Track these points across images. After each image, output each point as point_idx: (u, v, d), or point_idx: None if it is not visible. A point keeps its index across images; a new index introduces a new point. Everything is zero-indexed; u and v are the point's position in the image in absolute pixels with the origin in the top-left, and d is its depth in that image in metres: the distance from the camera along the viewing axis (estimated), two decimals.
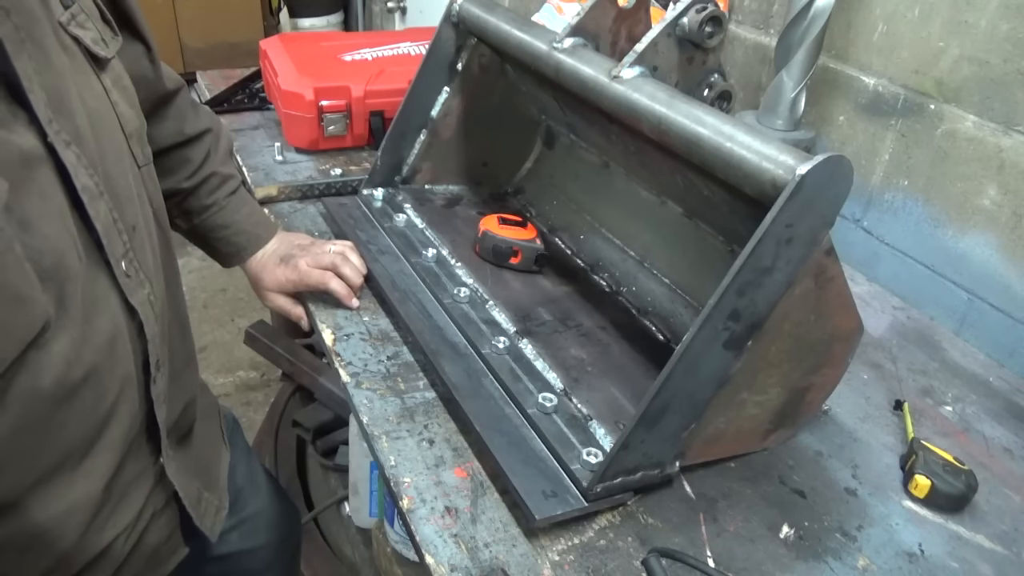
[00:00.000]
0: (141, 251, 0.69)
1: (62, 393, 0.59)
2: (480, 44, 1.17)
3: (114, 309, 0.65)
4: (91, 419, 0.64)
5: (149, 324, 0.69)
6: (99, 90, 0.66)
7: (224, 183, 1.01)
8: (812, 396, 0.86)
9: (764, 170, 0.68)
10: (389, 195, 1.25)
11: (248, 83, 1.72)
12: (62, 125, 0.58)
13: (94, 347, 0.62)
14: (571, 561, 0.71)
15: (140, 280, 0.68)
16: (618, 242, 1.15)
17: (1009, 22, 1.03)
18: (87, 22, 0.66)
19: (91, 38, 0.66)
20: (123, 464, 0.69)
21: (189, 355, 0.85)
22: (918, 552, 0.77)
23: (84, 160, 0.60)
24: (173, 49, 3.37)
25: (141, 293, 0.68)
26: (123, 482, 0.71)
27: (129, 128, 0.71)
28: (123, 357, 0.66)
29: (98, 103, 0.65)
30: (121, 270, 0.65)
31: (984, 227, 1.11)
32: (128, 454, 0.70)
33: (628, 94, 0.84)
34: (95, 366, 0.62)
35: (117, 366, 0.65)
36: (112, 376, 0.65)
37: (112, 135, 0.67)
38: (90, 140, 0.62)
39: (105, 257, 0.63)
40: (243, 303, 2.98)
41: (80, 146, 0.60)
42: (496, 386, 0.88)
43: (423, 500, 0.75)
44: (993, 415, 0.98)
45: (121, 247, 0.65)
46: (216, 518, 0.89)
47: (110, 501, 0.69)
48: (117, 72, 0.71)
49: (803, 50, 1.17)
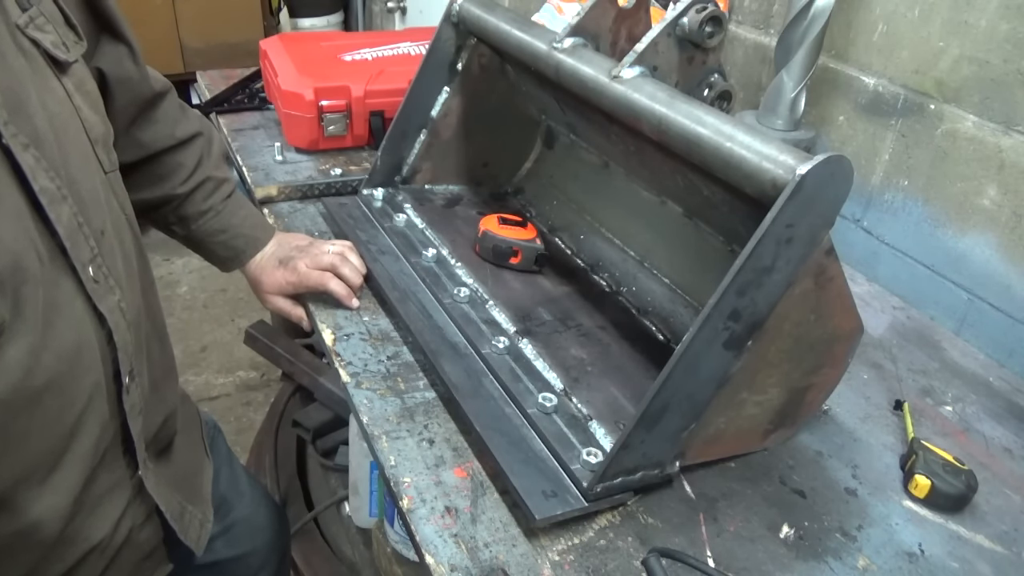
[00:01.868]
0: (110, 257, 0.67)
1: (21, 402, 0.57)
2: (480, 44, 1.17)
3: (79, 315, 0.62)
4: (56, 429, 0.62)
5: (119, 332, 0.67)
6: (61, 94, 0.65)
7: (219, 187, 1.00)
8: (812, 396, 0.86)
9: (764, 170, 0.68)
10: (389, 195, 1.25)
11: (248, 83, 1.72)
12: (19, 127, 0.56)
13: (56, 354, 0.59)
14: (571, 561, 0.71)
15: (109, 286, 0.66)
16: (618, 242, 1.15)
17: (1009, 22, 1.03)
18: (47, 25, 0.65)
19: (51, 41, 0.65)
20: (95, 476, 0.68)
21: (168, 366, 0.84)
22: (918, 552, 0.77)
23: (44, 163, 0.58)
24: (173, 49, 3.37)
25: (110, 300, 0.66)
26: (95, 495, 0.69)
27: (94, 133, 0.69)
28: (90, 366, 0.64)
29: (60, 107, 0.64)
30: (88, 275, 0.63)
31: (984, 227, 1.11)
32: (100, 466, 0.68)
33: (628, 94, 0.84)
34: (58, 374, 0.60)
35: (84, 375, 0.63)
36: (78, 385, 0.62)
37: (76, 139, 0.66)
38: (51, 143, 0.60)
39: (69, 262, 0.61)
40: (243, 303, 2.98)
41: (40, 148, 0.58)
42: (496, 386, 0.88)
43: (423, 500, 0.75)
44: (993, 415, 0.98)
45: (88, 252, 0.63)
46: (201, 531, 0.87)
47: (80, 513, 0.67)
48: (80, 77, 0.70)
49: (803, 50, 1.17)
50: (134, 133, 0.90)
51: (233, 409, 2.52)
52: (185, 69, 3.36)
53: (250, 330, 2.16)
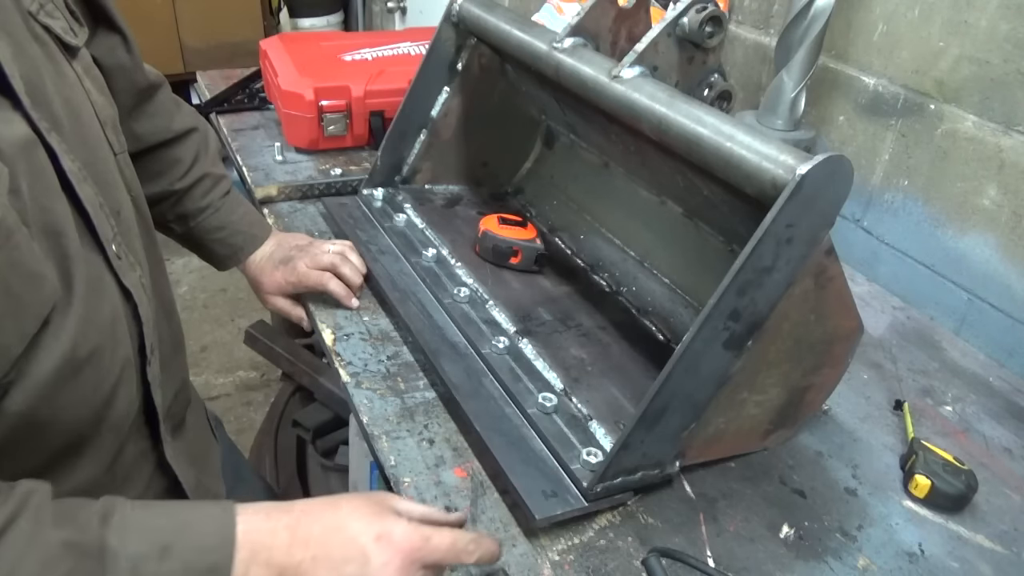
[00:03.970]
0: (128, 235, 0.70)
1: (68, 371, 0.60)
2: (480, 44, 1.17)
3: (111, 290, 0.65)
4: (93, 400, 0.64)
5: (143, 307, 0.70)
6: (72, 78, 0.67)
7: (217, 184, 1.00)
8: (812, 396, 0.86)
9: (764, 170, 0.68)
10: (389, 195, 1.25)
11: (248, 83, 1.72)
12: (41, 112, 0.59)
13: (97, 327, 0.62)
14: (571, 561, 0.71)
15: (131, 263, 0.69)
16: (618, 242, 1.15)
17: (1009, 22, 1.03)
18: (55, 11, 0.67)
19: (61, 27, 0.67)
20: (123, 448, 0.70)
21: (177, 341, 0.85)
22: (918, 552, 0.77)
23: (64, 146, 0.61)
24: (173, 49, 3.37)
25: (133, 276, 0.69)
26: (124, 465, 0.71)
27: (103, 115, 0.71)
28: (122, 339, 0.67)
29: (72, 91, 0.66)
30: (112, 252, 0.66)
31: (984, 227, 1.11)
32: (128, 438, 0.71)
33: (628, 94, 0.84)
34: (98, 346, 0.63)
35: (118, 347, 0.66)
36: (113, 358, 0.65)
37: (89, 122, 0.68)
38: (69, 126, 0.62)
39: (98, 239, 0.64)
40: (243, 303, 2.98)
41: (60, 132, 0.61)
42: (496, 386, 0.88)
43: (423, 500, 0.75)
44: (993, 415, 0.98)
45: (110, 230, 0.66)
46: None
47: (113, 483, 0.69)
48: (87, 61, 0.72)
49: (803, 50, 1.17)
50: (130, 125, 0.91)
51: (233, 409, 2.52)
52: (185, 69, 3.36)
53: (250, 330, 2.15)
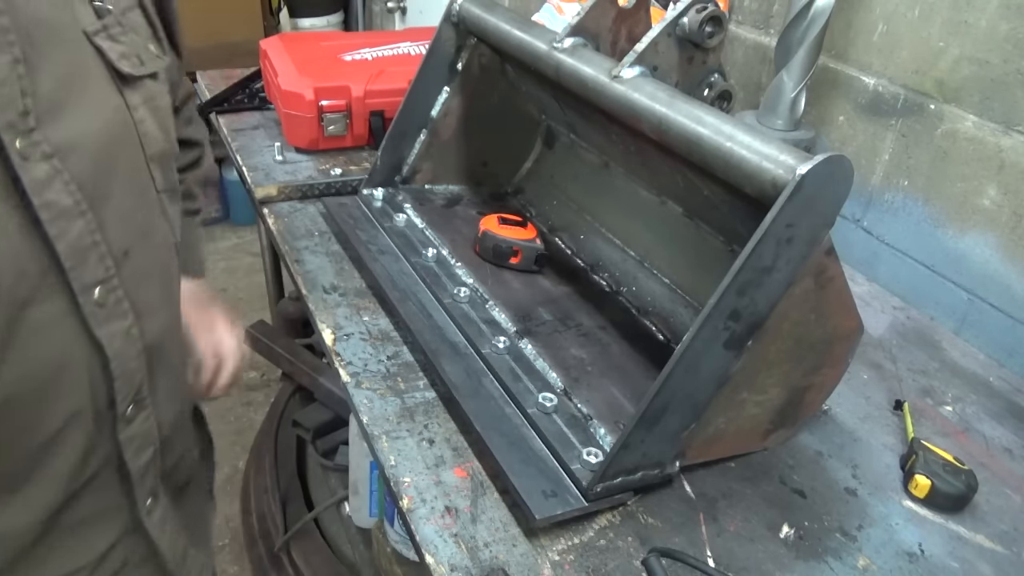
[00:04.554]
0: (133, 279, 0.63)
1: None
2: (480, 44, 1.17)
3: (65, 338, 0.59)
4: (20, 447, 0.59)
5: (121, 360, 0.63)
6: (117, 104, 0.62)
7: (188, 198, 0.96)
8: (812, 396, 0.86)
9: (764, 170, 0.68)
10: (389, 195, 1.25)
11: (248, 83, 1.72)
12: (47, 134, 0.54)
13: (18, 373, 0.56)
14: (571, 561, 0.71)
15: (121, 311, 0.62)
16: (618, 242, 1.15)
17: (1009, 22, 1.03)
18: (122, 35, 0.63)
19: (119, 52, 0.62)
20: (77, 498, 0.65)
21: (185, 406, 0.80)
22: (918, 552, 0.77)
23: (65, 175, 0.55)
24: None
25: (116, 325, 0.61)
26: (76, 517, 0.66)
27: (151, 149, 0.66)
28: (71, 391, 0.60)
29: (112, 117, 0.61)
30: (91, 298, 0.59)
31: (984, 227, 1.11)
32: (85, 490, 0.65)
33: (628, 94, 0.84)
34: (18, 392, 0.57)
35: (59, 399, 0.60)
36: (49, 409, 0.59)
37: (127, 154, 0.63)
38: (87, 154, 0.57)
39: (66, 280, 0.57)
40: (243, 303, 2.98)
41: (65, 159, 0.55)
42: (496, 386, 0.88)
43: (423, 500, 0.75)
44: (993, 415, 0.98)
45: (100, 272, 0.59)
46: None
47: (54, 531, 0.65)
48: (152, 92, 0.67)
49: (803, 50, 1.17)
50: None
51: (233, 409, 2.52)
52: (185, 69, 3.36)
53: (250, 330, 2.15)
